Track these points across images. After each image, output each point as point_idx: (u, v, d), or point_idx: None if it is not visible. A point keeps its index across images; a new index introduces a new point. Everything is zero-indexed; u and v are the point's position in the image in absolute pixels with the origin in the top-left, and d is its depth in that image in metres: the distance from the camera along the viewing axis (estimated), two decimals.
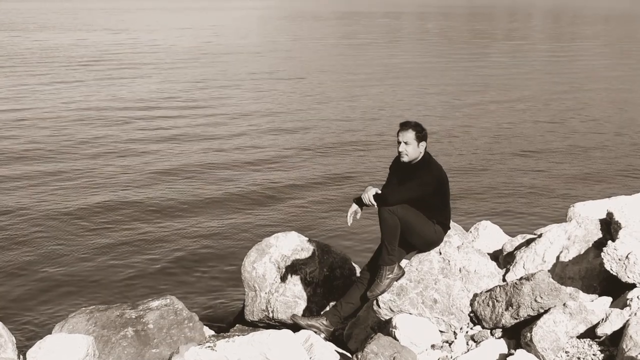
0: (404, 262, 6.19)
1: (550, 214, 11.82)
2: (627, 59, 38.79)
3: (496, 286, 5.78)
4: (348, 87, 26.96)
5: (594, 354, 5.11)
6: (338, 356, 5.73)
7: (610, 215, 6.28)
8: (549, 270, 6.04)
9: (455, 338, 5.74)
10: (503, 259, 6.67)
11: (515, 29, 67.23)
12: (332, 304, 6.88)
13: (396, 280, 5.97)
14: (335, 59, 37.23)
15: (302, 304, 6.97)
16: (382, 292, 5.93)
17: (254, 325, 7.17)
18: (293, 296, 6.99)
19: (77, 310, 6.69)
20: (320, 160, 15.68)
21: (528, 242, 6.59)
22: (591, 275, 5.94)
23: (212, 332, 7.06)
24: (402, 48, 43.93)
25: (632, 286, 5.55)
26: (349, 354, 5.87)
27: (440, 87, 27.24)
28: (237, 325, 7.40)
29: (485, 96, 25.03)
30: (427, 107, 22.73)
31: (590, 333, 5.29)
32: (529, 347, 5.24)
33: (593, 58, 38.82)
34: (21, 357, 5.62)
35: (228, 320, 8.07)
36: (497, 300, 5.64)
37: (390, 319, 5.83)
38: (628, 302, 5.38)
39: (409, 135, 5.88)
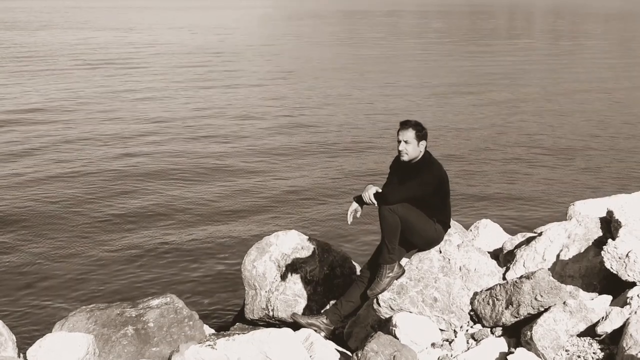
0: (404, 261, 6.19)
1: (550, 213, 11.81)
2: (628, 58, 38.77)
3: (496, 285, 5.78)
4: (348, 86, 26.95)
5: (594, 353, 5.11)
6: (338, 355, 5.73)
7: (610, 213, 6.28)
8: (549, 269, 6.03)
9: (456, 336, 5.74)
10: (503, 258, 6.67)
11: (515, 27, 67.21)
12: (332, 302, 6.87)
13: (396, 279, 5.97)
14: (335, 57, 37.22)
15: (303, 303, 6.97)
16: (382, 291, 5.94)
17: (254, 324, 7.17)
18: (293, 295, 6.99)
19: (78, 308, 6.68)
20: (321, 159, 15.68)
21: (528, 241, 6.59)
22: (591, 273, 5.94)
23: (213, 331, 7.06)
24: (402, 46, 43.91)
25: (632, 284, 5.55)
26: (349, 353, 5.87)
27: (440, 85, 27.23)
28: (237, 323, 7.40)
29: (485, 95, 25.02)
30: (427, 105, 22.73)
31: (590, 331, 5.29)
32: (529, 345, 5.24)
33: (593, 56, 38.80)
34: (21, 355, 5.62)
35: (228, 318, 8.08)
36: (497, 299, 5.64)
37: (391, 317, 5.83)
38: (628, 300, 5.37)
39: (409, 134, 5.88)
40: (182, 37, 49.08)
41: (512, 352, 5.19)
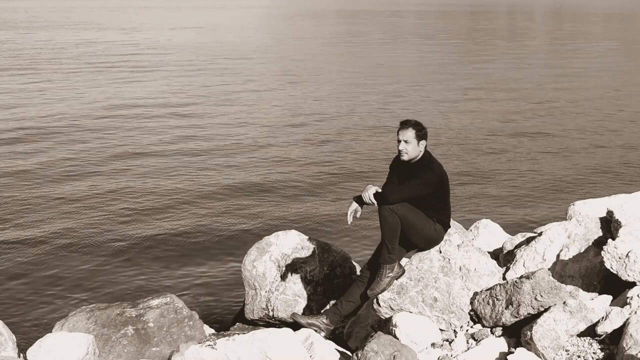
0: (404, 261, 6.19)
1: (550, 213, 11.81)
2: (628, 58, 38.76)
3: (496, 285, 5.78)
4: (348, 86, 26.95)
5: (594, 352, 5.11)
6: (338, 354, 5.73)
7: (610, 213, 6.28)
8: (549, 269, 6.03)
9: (456, 336, 5.74)
10: (503, 258, 6.67)
11: (516, 27, 67.22)
12: (332, 302, 6.87)
13: (396, 279, 5.97)
14: (336, 57, 37.22)
15: (303, 303, 6.97)
16: (383, 291, 5.94)
17: (254, 324, 7.17)
18: (293, 295, 6.99)
19: (78, 308, 6.69)
20: (321, 159, 15.67)
21: (528, 241, 6.59)
22: (591, 273, 5.94)
23: (212, 331, 7.06)
24: (402, 46, 43.91)
25: (632, 284, 5.55)
26: (349, 353, 5.87)
27: (441, 85, 27.23)
28: (237, 323, 7.40)
29: (486, 95, 25.02)
30: (428, 105, 22.72)
31: (590, 331, 5.29)
32: (529, 345, 5.24)
33: (593, 56, 38.80)
34: (21, 355, 5.62)
35: (228, 318, 8.08)
36: (497, 299, 5.64)
37: (391, 317, 5.83)
38: (628, 300, 5.37)
39: (409, 133, 5.88)
40: (188, 37, 49.07)
41: (512, 352, 5.20)
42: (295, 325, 6.19)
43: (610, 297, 5.58)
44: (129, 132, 18.17)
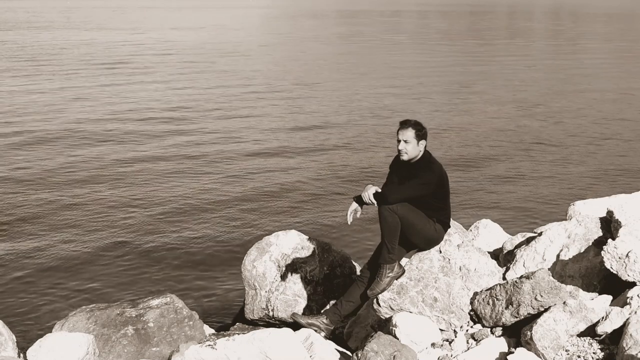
0: (404, 261, 6.19)
1: (550, 213, 11.81)
2: (628, 58, 38.76)
3: (496, 285, 5.77)
4: (349, 86, 26.95)
5: (594, 352, 5.11)
6: (338, 355, 5.73)
7: (610, 213, 6.27)
8: (549, 269, 6.03)
9: (456, 336, 5.74)
10: (503, 258, 6.67)
11: (516, 27, 67.23)
12: (332, 302, 6.87)
13: (396, 279, 5.97)
14: (336, 57, 37.22)
15: (303, 303, 6.96)
16: (383, 291, 5.94)
17: (254, 324, 7.17)
18: (293, 295, 6.99)
19: (78, 308, 6.69)
20: (321, 159, 15.68)
21: (528, 241, 6.58)
22: (591, 273, 5.94)
23: (213, 331, 7.07)
24: (403, 46, 43.91)
25: (632, 284, 5.55)
26: (349, 353, 5.87)
27: (441, 85, 27.24)
28: (237, 323, 7.40)
29: (486, 95, 25.02)
30: (428, 105, 22.72)
31: (590, 331, 5.29)
32: (529, 345, 5.23)
33: (594, 56, 38.79)
34: (21, 355, 5.62)
35: (228, 318, 8.08)
36: (497, 299, 5.64)
37: (391, 317, 5.83)
38: (628, 300, 5.37)
39: (409, 133, 5.88)
40: (188, 38, 49.08)
41: (512, 352, 5.19)
42: (295, 325, 6.19)
43: (610, 297, 5.58)
44: (129, 134, 18.16)
